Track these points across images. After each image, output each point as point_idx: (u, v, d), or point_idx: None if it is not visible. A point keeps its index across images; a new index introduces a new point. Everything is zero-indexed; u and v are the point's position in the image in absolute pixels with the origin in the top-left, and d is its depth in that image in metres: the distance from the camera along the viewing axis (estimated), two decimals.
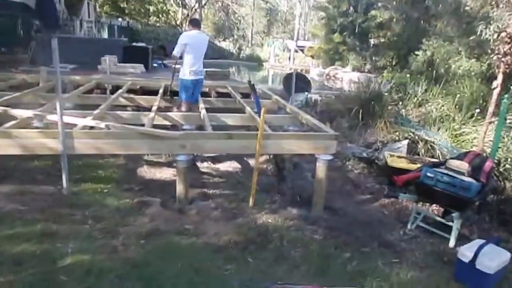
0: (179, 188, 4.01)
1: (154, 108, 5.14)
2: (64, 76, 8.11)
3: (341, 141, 6.71)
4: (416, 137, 6.16)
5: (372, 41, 17.75)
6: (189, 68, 5.52)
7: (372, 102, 7.13)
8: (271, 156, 5.60)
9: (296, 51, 25.37)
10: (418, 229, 4.24)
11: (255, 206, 4.23)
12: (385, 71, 12.88)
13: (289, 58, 24.70)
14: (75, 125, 3.93)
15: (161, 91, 6.53)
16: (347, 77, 14.68)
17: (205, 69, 10.89)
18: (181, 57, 5.64)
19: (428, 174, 3.91)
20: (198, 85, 5.77)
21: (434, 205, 4.50)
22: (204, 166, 5.24)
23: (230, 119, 5.21)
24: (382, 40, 16.55)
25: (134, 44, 12.33)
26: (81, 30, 13.24)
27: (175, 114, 5.17)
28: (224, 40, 29.21)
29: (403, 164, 5.35)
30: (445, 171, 3.94)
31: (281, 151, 4.19)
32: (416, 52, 9.60)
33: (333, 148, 4.18)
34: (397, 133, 6.47)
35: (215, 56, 25.57)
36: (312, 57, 21.58)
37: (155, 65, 15.13)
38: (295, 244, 3.57)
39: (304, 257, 3.39)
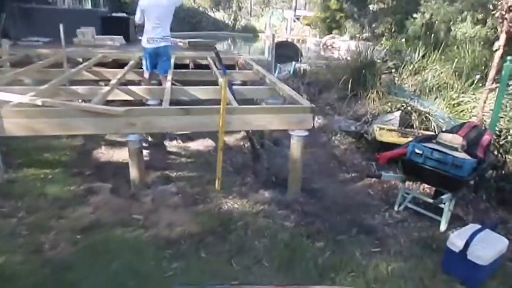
0: (133, 172, 3.54)
1: (114, 81, 4.60)
2: (32, 50, 7.57)
3: (329, 114, 6.19)
4: (410, 108, 5.60)
5: (371, 7, 16.81)
6: (146, 35, 4.96)
7: (364, 71, 6.52)
8: (250, 131, 5.09)
9: (294, 20, 24.39)
10: (406, 212, 3.77)
11: (222, 190, 3.77)
12: (383, 39, 12.13)
13: (286, 28, 23.80)
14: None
15: (131, 63, 5.97)
16: (344, 46, 13.93)
17: (188, 40, 10.29)
18: None
19: (416, 151, 3.40)
20: (160, 55, 5.20)
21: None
22: (172, 145, 4.75)
23: (201, 92, 4.68)
24: (382, 5, 15.62)
25: (113, 14, 11.56)
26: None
27: (138, 88, 4.64)
28: (218, 11, 28.04)
29: (393, 138, 4.84)
30: (436, 147, 3.43)
31: (248, 127, 3.69)
32: (414, 15, 8.85)
33: (309, 123, 3.66)
34: (390, 104, 5.91)
35: (209, 28, 24.70)
36: (309, 25, 20.64)
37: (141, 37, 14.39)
38: (261, 234, 3.13)
39: (269, 249, 2.95)
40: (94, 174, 3.75)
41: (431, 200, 3.57)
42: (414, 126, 5.37)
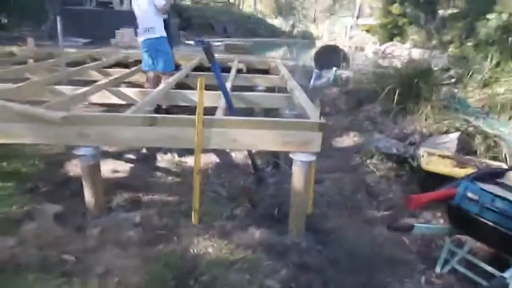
0: (87, 195, 2.82)
1: (103, 82, 3.99)
2: (57, 49, 7.38)
3: (368, 130, 5.08)
4: (473, 129, 4.34)
5: (440, 12, 15.07)
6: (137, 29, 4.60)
7: (416, 80, 5.32)
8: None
9: (351, 27, 23.14)
10: (452, 275, 2.65)
11: (201, 224, 2.92)
12: (451, 46, 10.58)
13: (345, 35, 22.59)
14: None
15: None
16: (405, 54, 12.48)
17: (223, 42, 9.72)
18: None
19: (469, 195, 2.28)
20: (149, 50, 4.73)
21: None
22: (164, 159, 4.00)
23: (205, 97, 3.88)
24: (452, 10, 13.88)
25: None
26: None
27: (127, 90, 3.97)
28: (276, 18, 27.46)
29: (445, 167, 3.64)
30: (500, 191, 2.28)
31: (233, 146, 2.81)
32: (488, 16, 7.34)
33: (316, 144, 2.69)
34: (447, 123, 4.66)
35: (265, 34, 24.21)
36: (368, 31, 19.22)
37: (189, 42, 14.17)
38: None
39: None
40: (49, 192, 3.10)
41: (489, 268, 2.41)
42: (478, 153, 4.12)
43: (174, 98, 4.03)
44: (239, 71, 5.72)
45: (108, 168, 3.65)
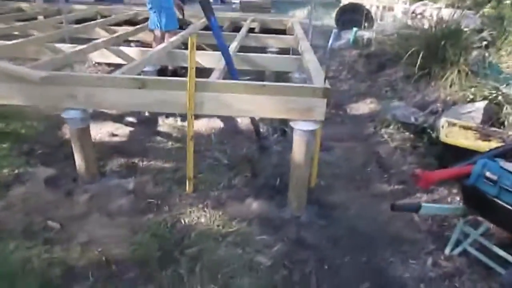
0: (77, 160, 2.71)
1: (102, 40, 3.78)
2: (66, 5, 7.16)
3: (387, 98, 4.74)
4: (502, 98, 3.93)
5: None
6: None
7: (443, 43, 4.84)
8: None
9: None
10: (463, 258, 2.43)
11: (196, 193, 2.78)
12: (487, 6, 9.68)
13: None
14: None
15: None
16: (440, 15, 11.57)
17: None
18: None
19: (488, 174, 2.01)
20: (155, 6, 4.49)
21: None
22: (166, 123, 3.84)
23: (206, 58, 3.65)
24: None
25: None
26: None
27: (128, 49, 3.76)
28: None
29: (466, 140, 3.32)
30: None
31: (227, 112, 2.60)
32: None
33: (320, 112, 2.44)
34: (474, 90, 4.25)
35: None
36: None
37: None
38: (213, 274, 2.10)
39: None
40: (45, 155, 3.01)
41: (504, 254, 2.18)
42: (505, 124, 3.75)
43: (177, 58, 3.79)
44: (250, 31, 5.37)
45: (107, 131, 3.54)
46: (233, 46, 3.75)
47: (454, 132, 3.43)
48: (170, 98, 2.46)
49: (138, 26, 4.96)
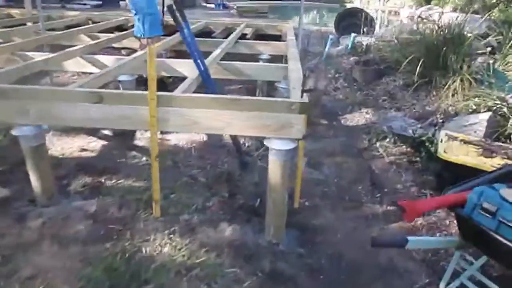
0: (33, 180, 2.47)
1: (79, 47, 3.57)
2: (60, 11, 7.04)
3: (383, 108, 4.45)
4: (508, 109, 3.63)
5: None
6: None
7: (445, 49, 4.55)
8: None
9: None
10: None
11: (165, 216, 2.53)
12: (495, 10, 9.37)
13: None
14: None
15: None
16: (444, 19, 11.26)
17: (237, 4, 9.00)
18: None
19: (485, 205, 1.71)
20: (138, 11, 4.30)
21: None
22: (145, 136, 3.60)
23: (186, 68, 3.41)
24: None
25: None
26: None
27: (104, 57, 3.54)
28: None
29: (467, 156, 3.03)
30: None
31: (195, 129, 2.34)
32: None
33: (297, 129, 2.17)
34: (477, 100, 3.96)
35: None
36: None
37: (207, 4, 13.50)
38: None
39: None
40: (3, 173, 2.77)
41: None
42: (511, 138, 3.45)
43: (157, 67, 3.55)
44: (242, 36, 5.14)
45: (78, 145, 3.31)
46: (215, 54, 3.51)
47: (453, 147, 3.13)
48: (131, 114, 2.22)
49: (123, 33, 4.76)
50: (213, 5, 13.78)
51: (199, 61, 2.76)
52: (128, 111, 2.22)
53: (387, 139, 3.83)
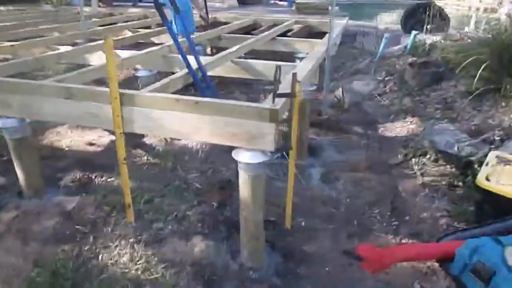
0: (18, 173, 2.49)
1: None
2: (124, 9, 7.39)
3: (433, 118, 3.81)
4: None
5: None
6: None
7: None
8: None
9: None
10: None
11: (138, 222, 2.37)
12: None
13: None
14: None
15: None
16: None
17: (296, 1, 8.50)
18: None
19: (478, 266, 1.22)
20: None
21: None
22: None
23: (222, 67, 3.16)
24: None
25: None
26: None
27: (125, 52, 3.51)
28: None
29: None
30: None
31: (158, 131, 2.12)
32: None
33: (267, 140, 1.84)
34: None
35: None
36: None
37: (279, 1, 13.26)
38: None
39: None
40: (5, 163, 2.85)
41: None
42: None
43: (173, 64, 3.42)
44: (284, 33, 4.82)
45: (86, 139, 3.33)
46: (230, 50, 3.26)
47: (503, 174, 2.48)
48: (98, 112, 2.09)
49: (156, 29, 4.76)
50: (285, 3, 13.50)
51: (193, 58, 2.55)
52: (95, 109, 2.09)
53: (427, 156, 3.22)
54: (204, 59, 3.09)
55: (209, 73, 3.11)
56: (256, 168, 1.93)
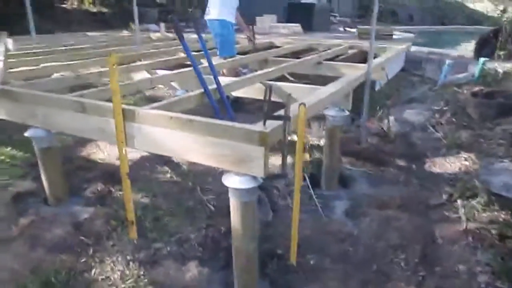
0: (43, 180, 2.65)
1: (148, 62, 3.78)
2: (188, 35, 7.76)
3: (495, 155, 3.34)
4: None
5: None
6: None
7: None
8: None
9: None
10: None
11: (140, 240, 2.35)
12: None
13: None
14: None
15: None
16: None
17: (357, 27, 8.18)
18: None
19: None
20: (213, 31, 4.48)
21: None
22: None
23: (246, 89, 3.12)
24: None
25: (301, 0, 10.69)
26: None
27: (161, 71, 3.63)
28: (482, 1, 22.36)
29: None
30: None
31: (157, 149, 2.07)
32: None
33: (256, 165, 1.70)
34: None
35: (461, 22, 20.19)
36: None
37: (349, 29, 13.05)
38: None
39: None
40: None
41: None
42: None
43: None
44: (332, 58, 4.65)
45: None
46: (261, 72, 3.20)
47: None
48: (106, 127, 2.13)
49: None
50: (354, 29, 13.28)
51: (211, 77, 2.52)
52: (105, 124, 2.13)
53: (477, 198, 2.78)
54: (230, 79, 3.07)
55: (235, 94, 3.08)
56: (246, 194, 1.79)
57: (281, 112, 1.84)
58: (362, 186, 3.12)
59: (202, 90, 2.46)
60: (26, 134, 2.49)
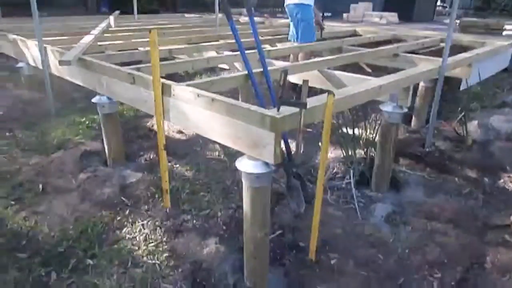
0: (105, 143, 2.96)
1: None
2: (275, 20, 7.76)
3: None
4: None
5: None
6: None
7: None
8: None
9: None
10: None
11: (172, 209, 2.50)
12: None
13: None
14: None
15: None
16: None
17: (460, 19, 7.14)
18: None
19: None
20: (293, 16, 4.37)
21: None
22: None
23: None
24: None
25: None
26: None
27: (228, 53, 3.72)
28: None
29: None
30: None
31: (187, 125, 2.11)
32: None
33: (268, 151, 1.67)
34: None
35: None
36: None
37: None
38: None
39: None
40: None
41: None
42: None
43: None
44: (416, 51, 4.26)
45: (178, 128, 3.66)
46: (320, 59, 3.08)
47: None
48: (148, 99, 2.28)
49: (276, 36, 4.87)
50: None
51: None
52: (147, 95, 2.29)
53: None
54: (286, 64, 3.02)
55: (291, 79, 3.01)
56: (257, 180, 1.77)
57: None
58: (415, 193, 2.84)
59: (246, 72, 2.46)
60: (93, 100, 2.79)
